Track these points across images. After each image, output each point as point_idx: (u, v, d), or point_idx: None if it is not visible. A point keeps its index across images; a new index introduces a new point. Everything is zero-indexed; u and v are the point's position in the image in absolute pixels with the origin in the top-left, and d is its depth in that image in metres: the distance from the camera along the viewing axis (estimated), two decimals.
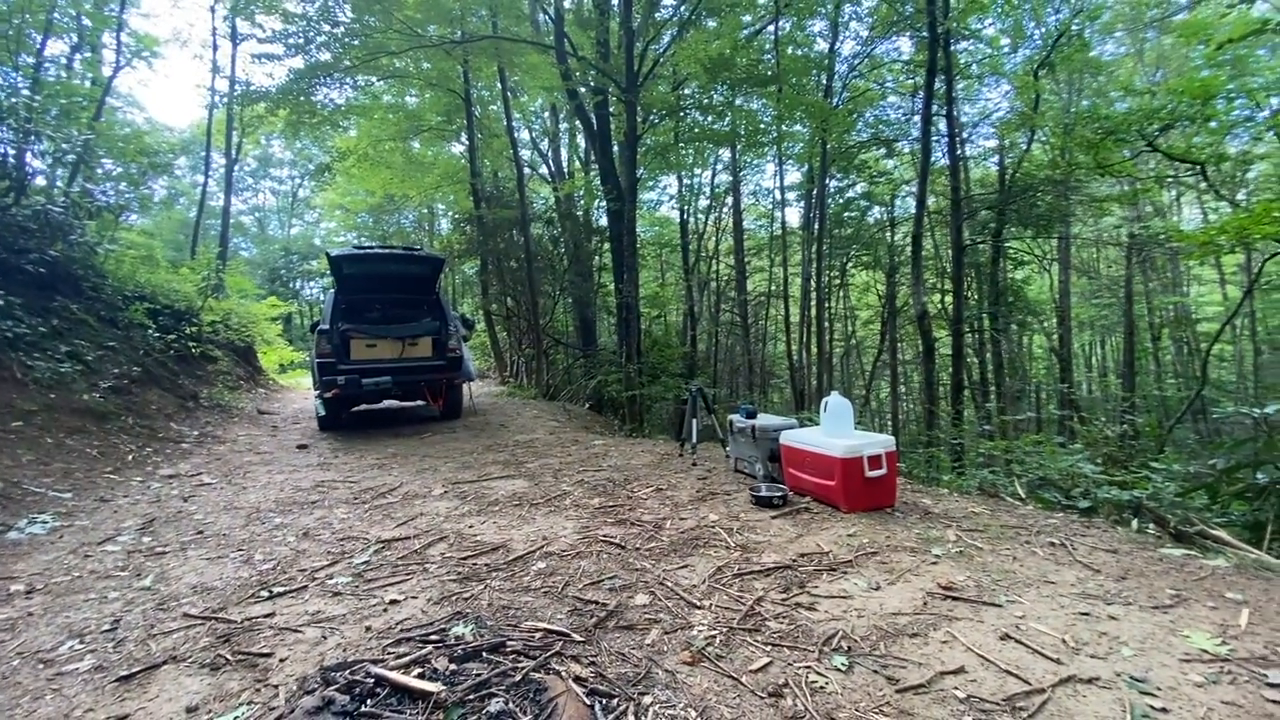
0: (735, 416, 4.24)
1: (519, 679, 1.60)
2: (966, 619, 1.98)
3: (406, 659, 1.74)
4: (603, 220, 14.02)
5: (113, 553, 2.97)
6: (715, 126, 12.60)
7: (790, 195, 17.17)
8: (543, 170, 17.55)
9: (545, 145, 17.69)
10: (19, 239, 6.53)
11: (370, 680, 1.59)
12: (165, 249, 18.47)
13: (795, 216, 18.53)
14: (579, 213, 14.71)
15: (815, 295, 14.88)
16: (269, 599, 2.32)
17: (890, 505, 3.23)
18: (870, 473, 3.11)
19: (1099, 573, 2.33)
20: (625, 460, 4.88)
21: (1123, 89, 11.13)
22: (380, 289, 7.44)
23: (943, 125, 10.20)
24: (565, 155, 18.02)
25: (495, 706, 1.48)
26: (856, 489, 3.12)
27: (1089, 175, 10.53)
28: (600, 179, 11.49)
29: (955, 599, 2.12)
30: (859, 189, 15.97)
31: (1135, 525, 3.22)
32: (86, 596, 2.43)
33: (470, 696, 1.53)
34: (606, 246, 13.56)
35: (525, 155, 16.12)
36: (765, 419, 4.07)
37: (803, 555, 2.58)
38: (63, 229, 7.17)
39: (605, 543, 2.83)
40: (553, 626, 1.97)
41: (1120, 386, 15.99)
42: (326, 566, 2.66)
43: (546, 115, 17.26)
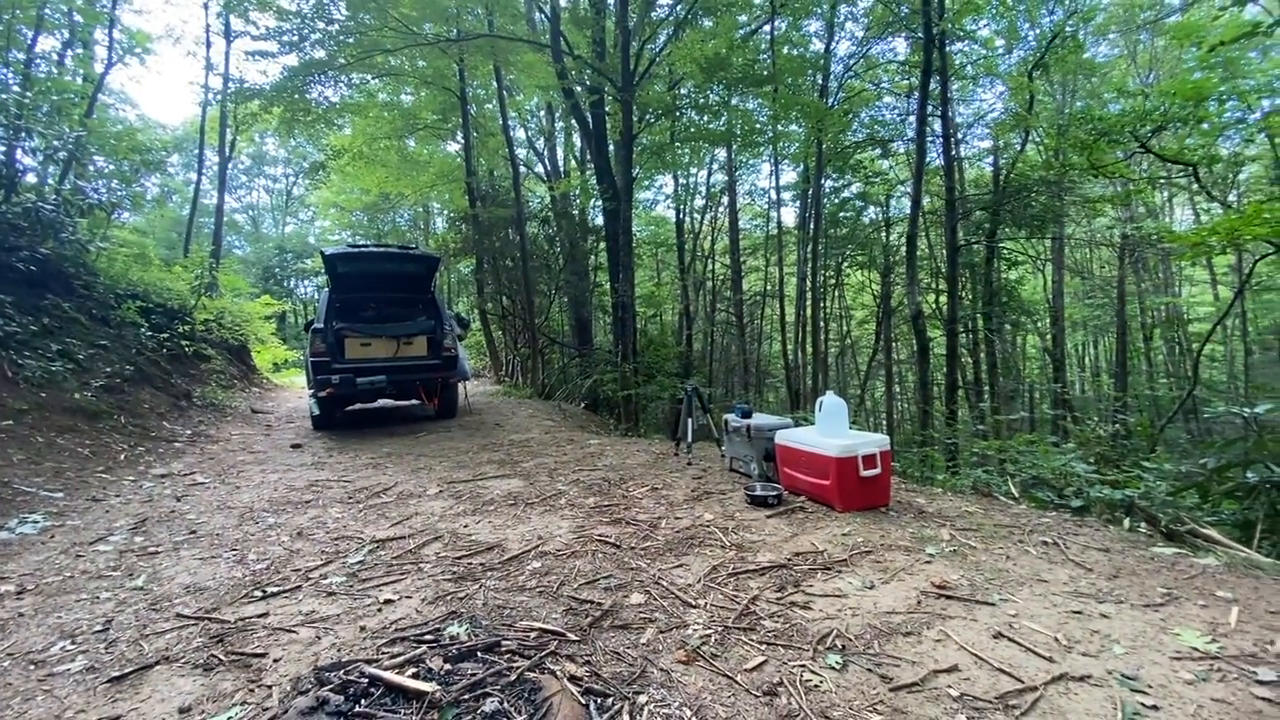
0: (731, 416, 4.25)
1: (514, 678, 1.60)
2: (960, 618, 1.99)
3: (401, 659, 1.74)
4: (598, 219, 14.02)
5: (105, 553, 2.95)
6: (711, 126, 12.60)
7: (786, 195, 17.25)
8: (538, 169, 17.53)
9: (541, 144, 17.68)
10: (9, 236, 6.48)
11: (364, 680, 1.58)
12: (158, 247, 18.30)
13: (791, 216, 18.58)
14: (575, 212, 14.69)
15: (810, 295, 14.92)
16: (262, 599, 2.31)
17: (885, 504, 3.24)
18: (865, 472, 3.12)
19: (1091, 571, 2.35)
20: (620, 460, 4.88)
21: (1116, 90, 11.24)
22: (375, 288, 7.42)
23: (938, 126, 10.24)
24: (561, 154, 18.01)
25: (490, 706, 1.48)
26: (851, 488, 3.14)
27: (1082, 176, 10.60)
28: (596, 178, 11.48)
29: (949, 598, 2.13)
30: (854, 189, 16.03)
31: (1127, 524, 3.24)
32: (78, 597, 2.41)
33: (465, 696, 1.53)
34: (602, 246, 13.56)
35: (521, 154, 16.10)
36: (760, 418, 4.08)
37: (798, 554, 2.59)
38: (54, 226, 7.12)
39: (600, 542, 2.83)
40: (548, 626, 1.97)
41: (1113, 386, 16.12)
42: (320, 566, 2.64)
43: (542, 114, 17.24)
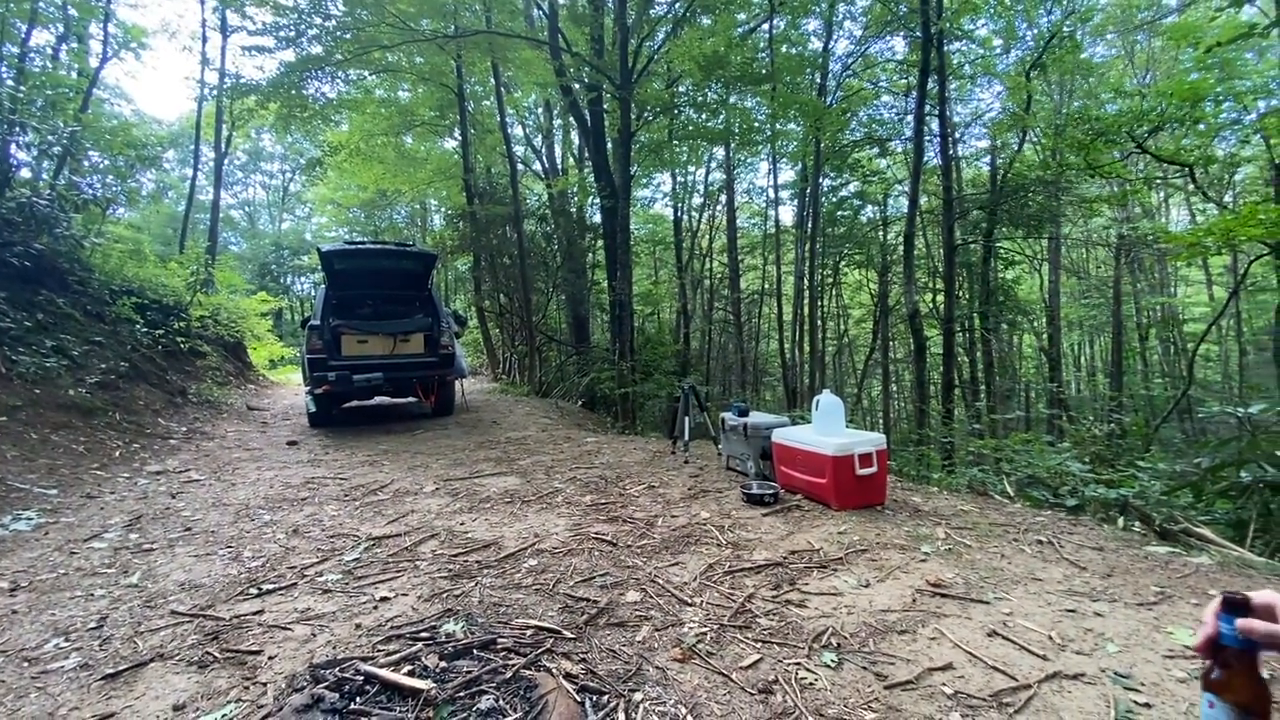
0: (727, 414, 4.25)
1: (510, 676, 1.60)
2: (955, 616, 1.99)
3: (397, 656, 1.73)
4: (596, 217, 13.99)
5: (99, 549, 2.94)
6: (709, 124, 12.59)
7: (784, 194, 17.24)
8: (536, 167, 17.50)
9: (539, 141, 17.64)
10: (3, 232, 6.44)
11: (360, 678, 1.58)
12: (153, 243, 18.26)
13: (789, 215, 18.59)
14: (572, 209, 14.67)
15: (808, 294, 14.95)
16: (258, 596, 2.31)
17: (881, 503, 3.25)
18: (861, 471, 3.13)
19: (1085, 570, 2.36)
20: (617, 458, 4.89)
21: (1113, 91, 11.27)
22: (372, 285, 7.40)
23: (935, 125, 10.25)
24: (559, 152, 17.97)
25: (486, 703, 1.48)
26: (847, 487, 3.14)
27: (1079, 176, 10.63)
28: (594, 176, 11.46)
29: (944, 596, 2.14)
30: (852, 188, 16.06)
31: (1121, 523, 3.25)
32: (72, 594, 2.40)
33: (461, 694, 1.52)
34: (600, 243, 13.55)
35: (519, 151, 16.08)
36: (757, 417, 4.08)
37: (793, 552, 2.59)
38: (48, 222, 7.07)
39: (597, 540, 2.83)
40: (544, 624, 1.97)
41: (1108, 386, 16.18)
42: (316, 564, 2.64)
43: (540, 111, 17.19)
